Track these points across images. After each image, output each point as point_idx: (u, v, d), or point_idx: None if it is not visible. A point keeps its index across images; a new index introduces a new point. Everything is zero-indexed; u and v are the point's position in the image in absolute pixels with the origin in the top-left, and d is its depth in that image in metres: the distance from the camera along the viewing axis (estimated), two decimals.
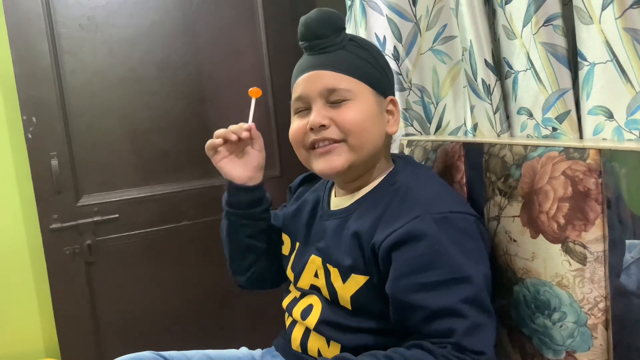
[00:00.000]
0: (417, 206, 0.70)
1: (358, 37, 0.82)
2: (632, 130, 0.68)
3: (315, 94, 0.76)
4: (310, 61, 0.79)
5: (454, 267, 0.65)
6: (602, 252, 0.63)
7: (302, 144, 0.79)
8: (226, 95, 1.76)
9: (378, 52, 0.83)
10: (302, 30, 0.78)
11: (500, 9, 0.87)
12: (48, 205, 1.55)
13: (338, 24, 0.77)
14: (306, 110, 0.78)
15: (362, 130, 0.75)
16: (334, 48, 0.77)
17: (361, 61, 0.78)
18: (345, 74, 0.76)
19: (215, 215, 1.77)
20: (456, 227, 0.69)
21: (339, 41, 0.77)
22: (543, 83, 0.80)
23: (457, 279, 0.65)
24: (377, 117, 0.78)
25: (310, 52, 0.79)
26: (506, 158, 0.76)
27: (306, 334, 0.80)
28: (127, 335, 1.67)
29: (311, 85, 0.77)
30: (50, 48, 1.52)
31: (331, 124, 0.75)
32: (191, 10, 1.70)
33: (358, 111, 0.75)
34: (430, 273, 0.66)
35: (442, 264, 0.66)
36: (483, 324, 0.65)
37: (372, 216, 0.74)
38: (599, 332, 0.64)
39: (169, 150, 1.70)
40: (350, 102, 0.76)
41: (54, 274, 1.57)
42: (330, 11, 0.77)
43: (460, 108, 1.12)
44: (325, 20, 0.76)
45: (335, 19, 0.77)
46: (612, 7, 0.66)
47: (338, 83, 0.75)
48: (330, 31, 0.76)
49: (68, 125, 1.56)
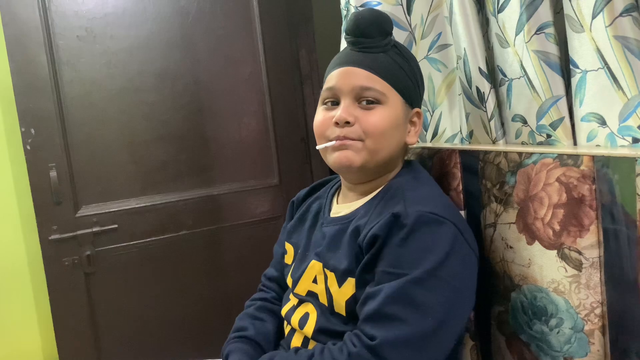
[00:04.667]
0: (398, 204, 0.71)
1: (401, 45, 0.83)
2: (625, 136, 0.69)
3: (347, 89, 0.78)
4: (350, 56, 0.80)
5: (407, 262, 0.67)
6: (598, 258, 0.63)
7: (324, 135, 0.80)
8: (224, 105, 1.77)
9: (416, 64, 0.84)
10: (351, 25, 0.79)
11: (493, 17, 0.88)
12: (47, 216, 1.55)
13: (386, 28, 0.79)
14: (334, 102, 0.80)
15: (383, 136, 0.77)
16: (376, 50, 0.78)
17: (398, 68, 0.79)
18: (381, 77, 0.77)
19: (214, 225, 1.79)
20: (427, 226, 0.68)
21: (383, 44, 0.78)
22: (536, 90, 0.81)
23: (404, 274, 0.66)
24: (401, 125, 0.80)
25: (353, 47, 0.80)
26: (501, 165, 0.77)
27: (305, 342, 0.81)
28: (127, 346, 1.66)
29: (345, 80, 0.78)
30: (49, 59, 1.53)
31: (356, 122, 0.77)
32: (188, 20, 1.71)
33: (384, 116, 0.77)
34: (383, 264, 0.68)
35: (397, 258, 0.67)
36: (398, 318, 0.64)
37: (363, 218, 0.76)
38: (596, 337, 0.64)
39: (168, 160, 1.70)
40: (378, 105, 0.77)
41: (53, 284, 1.57)
42: (382, 14, 0.79)
43: (455, 115, 1.13)
44: (375, 21, 0.78)
45: (385, 22, 0.79)
46: (602, 16, 0.67)
47: (371, 84, 0.77)
48: (377, 33, 0.78)
49: (67, 136, 1.56)
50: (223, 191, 1.78)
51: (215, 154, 1.77)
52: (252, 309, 0.94)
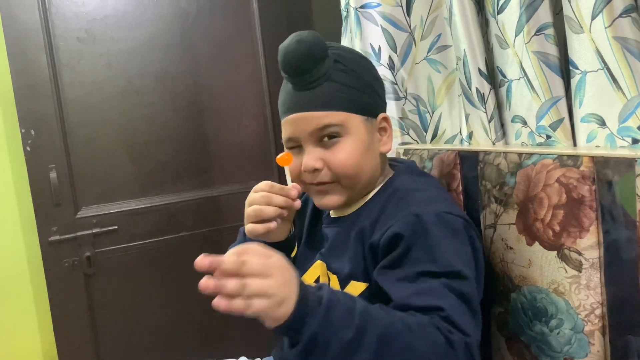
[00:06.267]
0: (412, 206, 0.70)
1: (343, 55, 0.76)
2: (625, 137, 0.69)
3: (305, 136, 0.75)
4: (295, 99, 0.75)
5: (444, 262, 0.64)
6: (598, 258, 0.63)
7: (299, 181, 0.79)
8: (224, 107, 1.77)
9: (365, 68, 0.78)
10: (284, 65, 0.74)
11: (493, 18, 0.88)
12: (47, 217, 1.55)
13: (320, 54, 0.73)
14: (298, 147, 0.77)
15: (355, 169, 0.74)
16: (318, 82, 0.73)
17: (348, 89, 0.74)
18: (333, 109, 0.73)
19: (213, 226, 1.79)
20: (449, 226, 0.68)
21: (322, 73, 0.73)
22: (536, 91, 0.81)
23: (447, 272, 0.64)
24: (370, 145, 0.77)
25: (294, 86, 0.75)
26: (501, 166, 0.77)
27: None
28: (127, 347, 1.66)
29: (300, 127, 0.75)
30: (49, 61, 1.53)
31: (324, 166, 0.75)
32: (188, 22, 1.71)
33: (350, 149, 0.74)
34: (421, 265, 0.64)
35: (433, 259, 0.64)
36: (467, 312, 0.63)
37: (369, 219, 0.75)
38: (596, 338, 0.64)
39: (168, 161, 1.70)
40: (341, 139, 0.74)
41: (53, 286, 1.57)
42: (309, 42, 0.72)
43: (455, 116, 1.13)
44: (305, 54, 0.72)
45: (316, 50, 0.72)
46: (602, 17, 0.67)
47: (326, 121, 0.73)
48: (312, 64, 0.72)
49: (66, 137, 1.56)
50: (223, 192, 1.77)
51: (215, 155, 1.77)
52: None
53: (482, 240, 0.76)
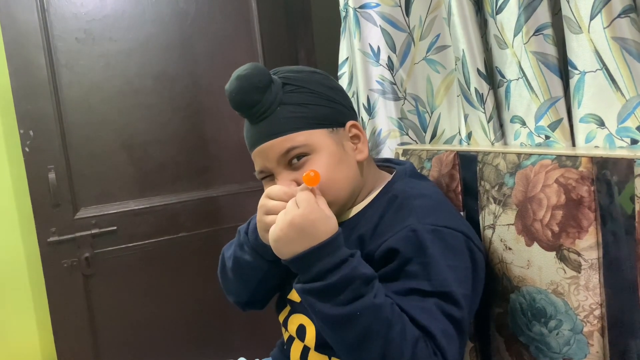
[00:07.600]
0: (411, 216, 0.70)
1: (289, 77, 0.75)
2: (623, 137, 0.69)
3: (273, 165, 0.74)
4: (254, 133, 0.75)
5: (438, 281, 0.65)
6: (597, 259, 0.63)
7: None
8: (223, 107, 1.77)
9: (316, 82, 0.76)
10: (232, 104, 0.75)
11: (492, 18, 0.88)
12: (46, 218, 1.54)
13: (263, 83, 0.72)
14: (270, 176, 0.77)
15: (329, 185, 0.72)
16: (271, 110, 0.72)
17: (303, 107, 0.73)
18: (292, 132, 0.72)
19: (212, 227, 1.79)
20: (446, 242, 0.68)
21: (271, 100, 0.72)
22: (535, 92, 0.81)
23: (439, 293, 0.64)
24: (342, 156, 0.75)
25: (250, 121, 0.76)
26: (500, 166, 0.77)
27: (305, 352, 0.80)
28: (126, 348, 1.66)
29: (265, 158, 0.74)
30: (47, 62, 1.52)
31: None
32: (187, 22, 1.71)
33: (320, 164, 0.72)
34: (415, 282, 0.65)
35: (428, 277, 0.65)
36: (455, 338, 0.64)
37: (369, 225, 0.74)
38: (595, 339, 0.64)
39: (166, 162, 1.70)
40: (309, 157, 0.73)
41: (52, 287, 1.57)
42: (249, 75, 0.72)
43: (454, 117, 1.13)
44: (247, 88, 0.72)
45: (257, 81, 0.72)
46: (600, 17, 0.67)
47: (289, 144, 0.72)
48: (258, 95, 0.72)
49: (65, 138, 1.56)
50: (222, 193, 1.77)
51: (214, 156, 1.77)
52: None
53: (482, 248, 0.75)
